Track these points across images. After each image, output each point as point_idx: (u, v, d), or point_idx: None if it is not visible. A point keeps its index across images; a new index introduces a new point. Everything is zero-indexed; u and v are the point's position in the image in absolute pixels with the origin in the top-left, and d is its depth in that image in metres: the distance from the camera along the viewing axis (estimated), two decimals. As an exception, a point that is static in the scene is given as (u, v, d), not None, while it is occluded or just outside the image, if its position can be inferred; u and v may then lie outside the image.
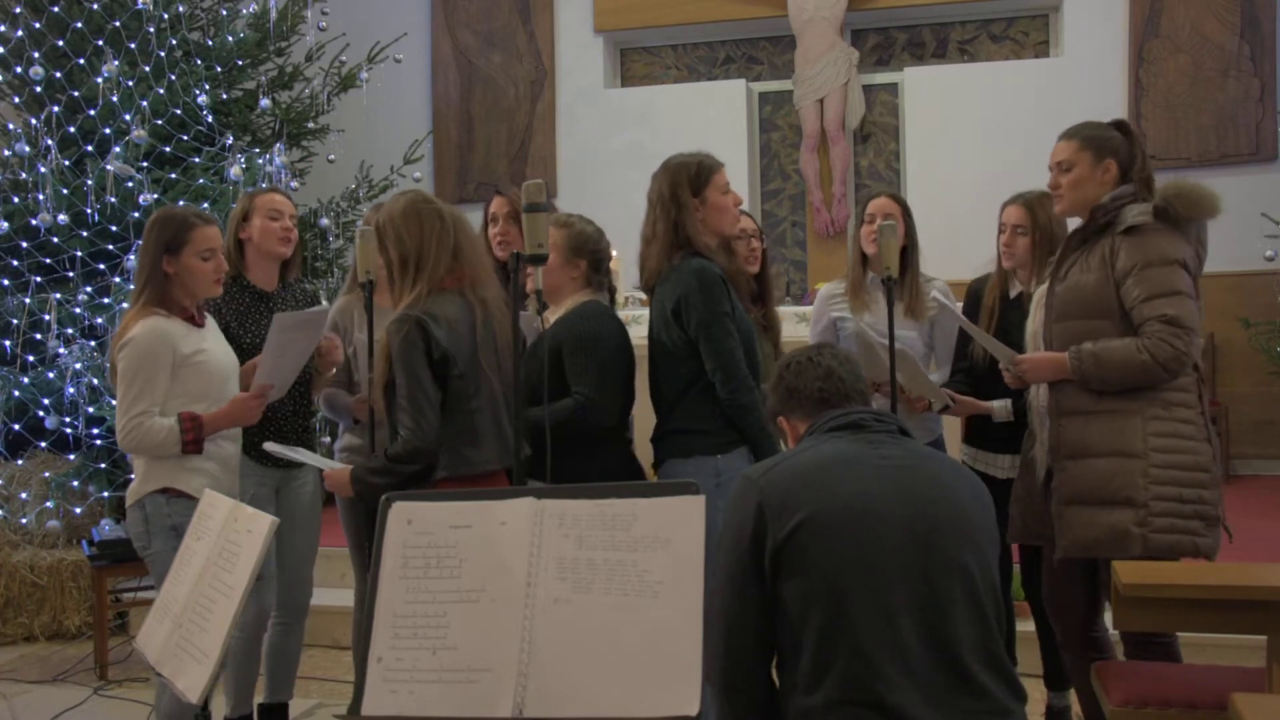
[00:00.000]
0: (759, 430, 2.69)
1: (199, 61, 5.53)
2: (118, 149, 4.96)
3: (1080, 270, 2.64)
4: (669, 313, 2.74)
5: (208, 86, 5.47)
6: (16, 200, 5.02)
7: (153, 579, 2.79)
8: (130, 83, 5.12)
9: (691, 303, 2.69)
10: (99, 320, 4.81)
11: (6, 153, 5.09)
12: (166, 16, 5.30)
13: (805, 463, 1.84)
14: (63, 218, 4.86)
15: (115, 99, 5.05)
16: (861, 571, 1.72)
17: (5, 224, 4.95)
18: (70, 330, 4.81)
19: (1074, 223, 2.83)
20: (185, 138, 5.26)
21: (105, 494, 4.73)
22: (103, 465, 4.76)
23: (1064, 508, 2.61)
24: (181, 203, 4.85)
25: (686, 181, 2.78)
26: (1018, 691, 1.78)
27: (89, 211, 4.87)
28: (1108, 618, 2.57)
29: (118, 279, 4.85)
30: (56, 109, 5.10)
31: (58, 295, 4.74)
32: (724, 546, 1.84)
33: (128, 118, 5.05)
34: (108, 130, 5.12)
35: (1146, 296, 2.53)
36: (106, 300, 4.86)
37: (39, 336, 4.84)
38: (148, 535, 2.73)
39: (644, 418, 2.91)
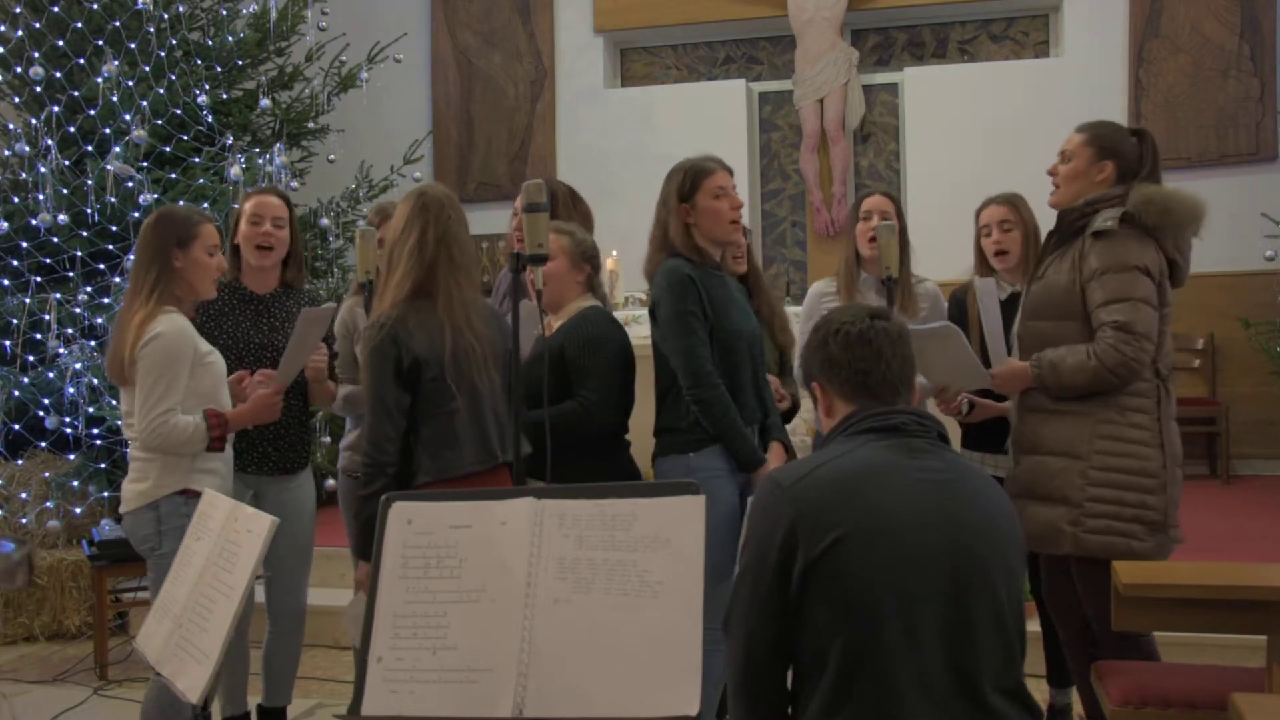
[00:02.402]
0: (727, 427, 2.69)
1: (199, 61, 5.53)
2: (118, 149, 4.96)
3: (1054, 271, 2.70)
4: (650, 314, 2.83)
5: (208, 86, 5.47)
6: (16, 200, 5.01)
7: (152, 581, 2.76)
8: (130, 83, 5.12)
9: (659, 302, 2.77)
10: (99, 320, 4.81)
11: (6, 153, 5.09)
12: (166, 16, 5.30)
13: (839, 472, 1.74)
14: (63, 218, 4.86)
15: (115, 99, 5.05)
16: (895, 594, 1.65)
17: (5, 224, 4.95)
18: (70, 330, 4.81)
19: (1046, 223, 2.88)
20: (185, 138, 5.26)
21: (105, 494, 4.72)
22: (103, 465, 4.75)
23: (1014, 501, 2.63)
24: (181, 203, 4.85)
25: (676, 188, 2.84)
26: (1036, 717, 1.73)
27: (89, 211, 4.87)
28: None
29: (118, 279, 4.85)
30: (56, 109, 5.10)
31: (58, 295, 4.74)
32: (749, 554, 1.75)
33: (128, 118, 5.05)
34: (108, 130, 5.12)
35: (1104, 301, 2.57)
36: (106, 300, 4.86)
37: (39, 336, 4.84)
38: (159, 536, 2.71)
39: (645, 417, 2.92)
